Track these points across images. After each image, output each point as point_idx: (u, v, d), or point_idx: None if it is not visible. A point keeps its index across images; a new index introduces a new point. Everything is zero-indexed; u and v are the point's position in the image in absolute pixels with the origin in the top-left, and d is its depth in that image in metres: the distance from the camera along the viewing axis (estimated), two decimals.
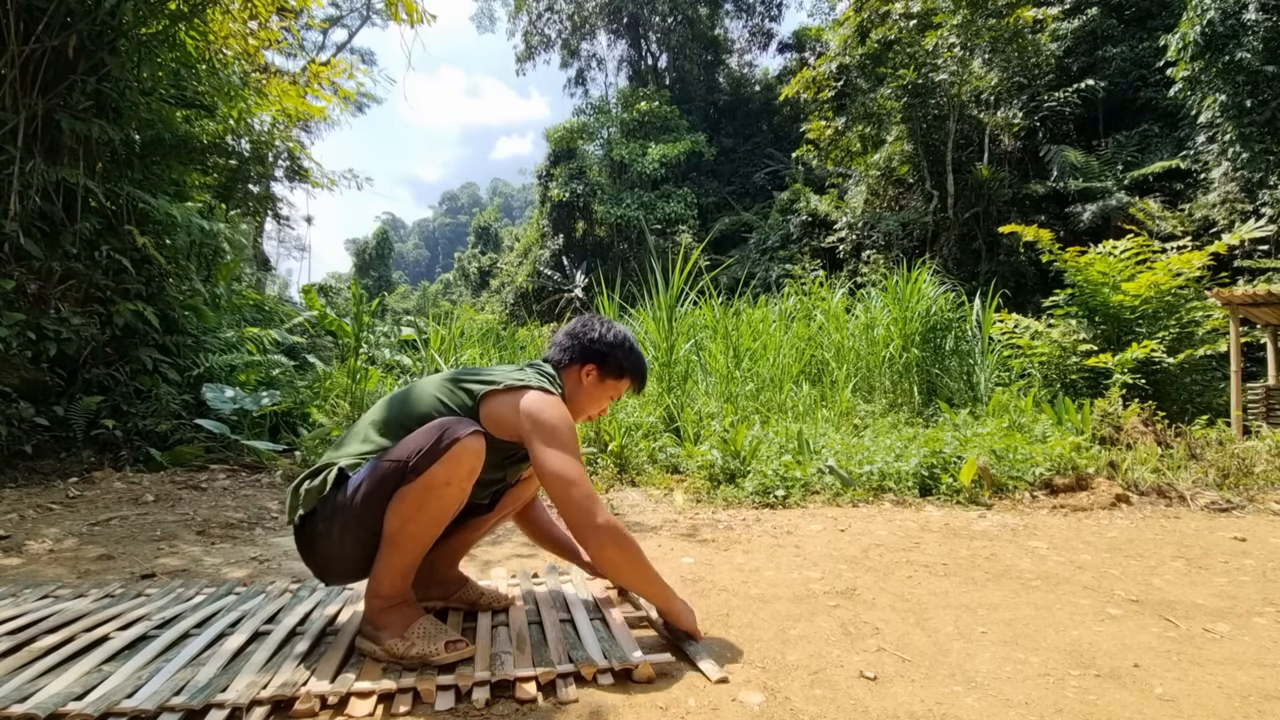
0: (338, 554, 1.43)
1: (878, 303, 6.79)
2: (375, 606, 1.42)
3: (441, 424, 1.38)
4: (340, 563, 1.46)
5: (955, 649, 1.55)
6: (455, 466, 1.34)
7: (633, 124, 25.16)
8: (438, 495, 1.35)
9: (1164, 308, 6.79)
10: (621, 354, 1.69)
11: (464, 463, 1.35)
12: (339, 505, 1.39)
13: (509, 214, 59.83)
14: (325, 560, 1.46)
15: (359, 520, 1.38)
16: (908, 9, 15.05)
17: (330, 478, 1.40)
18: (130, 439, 4.31)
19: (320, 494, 1.40)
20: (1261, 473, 3.84)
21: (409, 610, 1.42)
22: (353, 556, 1.43)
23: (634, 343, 1.73)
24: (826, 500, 3.37)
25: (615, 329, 1.71)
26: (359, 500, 1.37)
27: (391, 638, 1.37)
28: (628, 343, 1.71)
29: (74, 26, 4.26)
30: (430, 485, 1.34)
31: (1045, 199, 15.19)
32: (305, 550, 1.48)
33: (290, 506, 1.45)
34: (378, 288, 33.34)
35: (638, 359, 1.72)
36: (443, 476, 1.34)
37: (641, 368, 1.73)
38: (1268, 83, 10.83)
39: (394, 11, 5.55)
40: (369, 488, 1.37)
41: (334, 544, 1.41)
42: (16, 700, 1.20)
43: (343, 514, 1.38)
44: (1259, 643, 1.62)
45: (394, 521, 1.36)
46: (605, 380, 1.69)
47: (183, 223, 5.02)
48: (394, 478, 1.35)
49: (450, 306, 18.11)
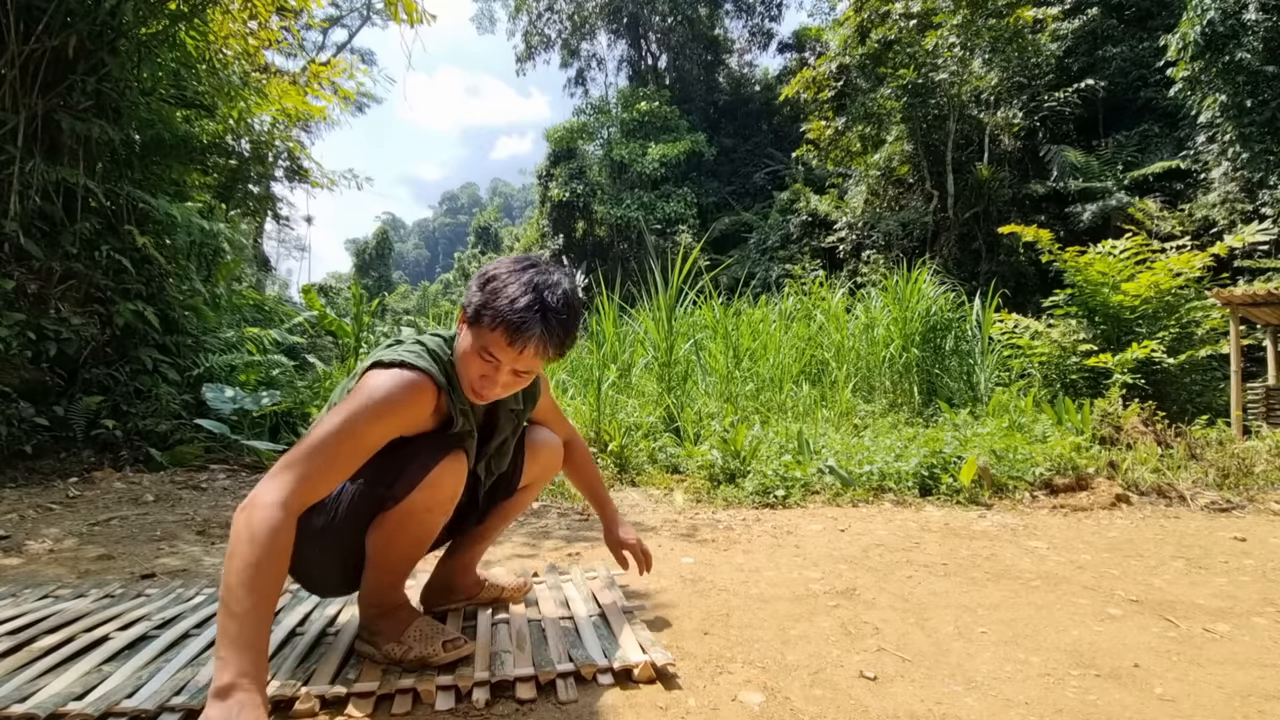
0: (320, 574, 1.41)
1: (878, 303, 6.79)
2: (371, 613, 1.41)
3: (418, 446, 1.30)
4: (325, 583, 1.45)
5: (955, 649, 1.55)
6: (436, 492, 1.29)
7: (633, 124, 25.15)
8: (419, 521, 1.32)
9: (1164, 308, 6.80)
10: (478, 288, 1.23)
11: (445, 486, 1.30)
12: (317, 529, 1.30)
13: (509, 214, 59.85)
14: (312, 580, 1.44)
15: (339, 543, 1.34)
16: (908, 9, 15.05)
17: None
18: (130, 439, 4.31)
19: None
20: (1261, 473, 3.84)
21: (403, 613, 1.41)
22: (338, 576, 1.42)
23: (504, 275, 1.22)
24: (826, 500, 3.37)
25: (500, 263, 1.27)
26: (337, 526, 1.32)
27: (388, 642, 1.36)
28: (493, 272, 1.24)
29: (74, 26, 4.26)
30: (411, 511, 1.30)
31: (1045, 199, 15.19)
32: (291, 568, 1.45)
33: None
34: (378, 288, 33.35)
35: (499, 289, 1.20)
36: (423, 503, 1.29)
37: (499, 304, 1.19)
38: (1268, 83, 10.83)
39: (394, 11, 5.55)
40: (346, 514, 1.31)
41: (316, 565, 1.38)
42: (16, 700, 1.20)
43: (321, 539, 1.31)
44: (1259, 643, 1.62)
45: (377, 540, 1.33)
46: (470, 331, 1.25)
47: (183, 223, 5.02)
48: (370, 504, 1.31)
49: (450, 306, 18.10)
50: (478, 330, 1.23)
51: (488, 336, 1.21)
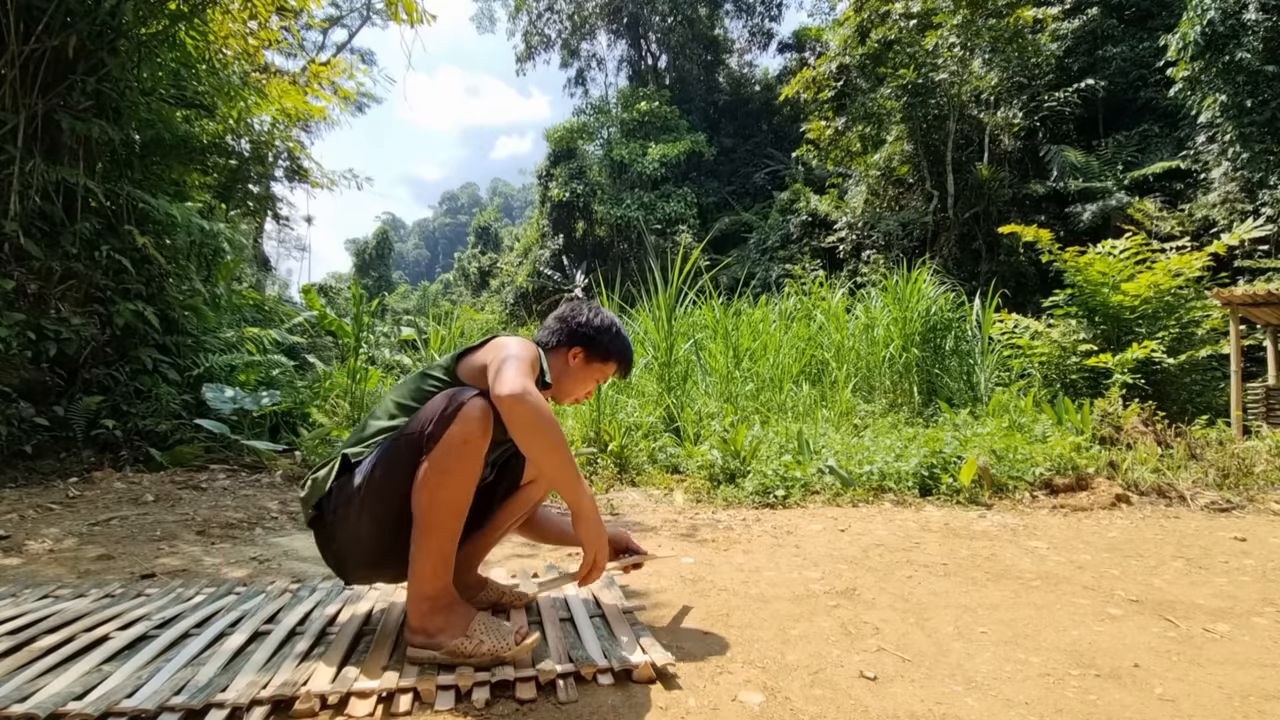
0: (354, 538, 1.44)
1: (878, 303, 6.79)
2: (422, 610, 1.37)
3: (449, 393, 1.40)
4: (358, 550, 1.45)
5: (955, 649, 1.55)
6: (468, 424, 1.35)
7: (633, 124, 25.16)
8: (458, 455, 1.35)
9: (1164, 308, 6.80)
10: (608, 338, 1.71)
11: (475, 419, 1.35)
12: (352, 491, 1.41)
13: (509, 214, 59.80)
14: (343, 548, 1.46)
15: (377, 497, 1.39)
16: (908, 9, 15.05)
17: (335, 465, 1.44)
18: (130, 439, 4.31)
19: (327, 482, 1.43)
20: (1261, 473, 3.84)
21: (462, 609, 1.40)
22: (370, 538, 1.43)
23: (620, 328, 1.75)
24: (826, 500, 3.37)
25: (603, 314, 1.74)
26: (377, 478, 1.39)
27: (454, 638, 1.35)
28: (614, 327, 1.73)
29: (74, 26, 4.26)
30: (449, 447, 1.34)
31: (1045, 199, 15.18)
32: (323, 545, 1.50)
33: (304, 502, 1.48)
34: (378, 288, 33.34)
35: (624, 343, 1.74)
36: (460, 435, 1.34)
37: (627, 352, 1.75)
38: (1268, 83, 10.82)
39: (394, 11, 5.55)
40: (386, 464, 1.39)
41: (350, 528, 1.42)
42: (16, 700, 1.20)
43: (358, 496, 1.40)
44: (1259, 643, 1.62)
45: (422, 498, 1.35)
46: (592, 363, 1.71)
47: (183, 223, 5.02)
48: (411, 450, 1.37)
49: (450, 306, 18.13)
50: (604, 365, 1.72)
51: (609, 368, 1.74)
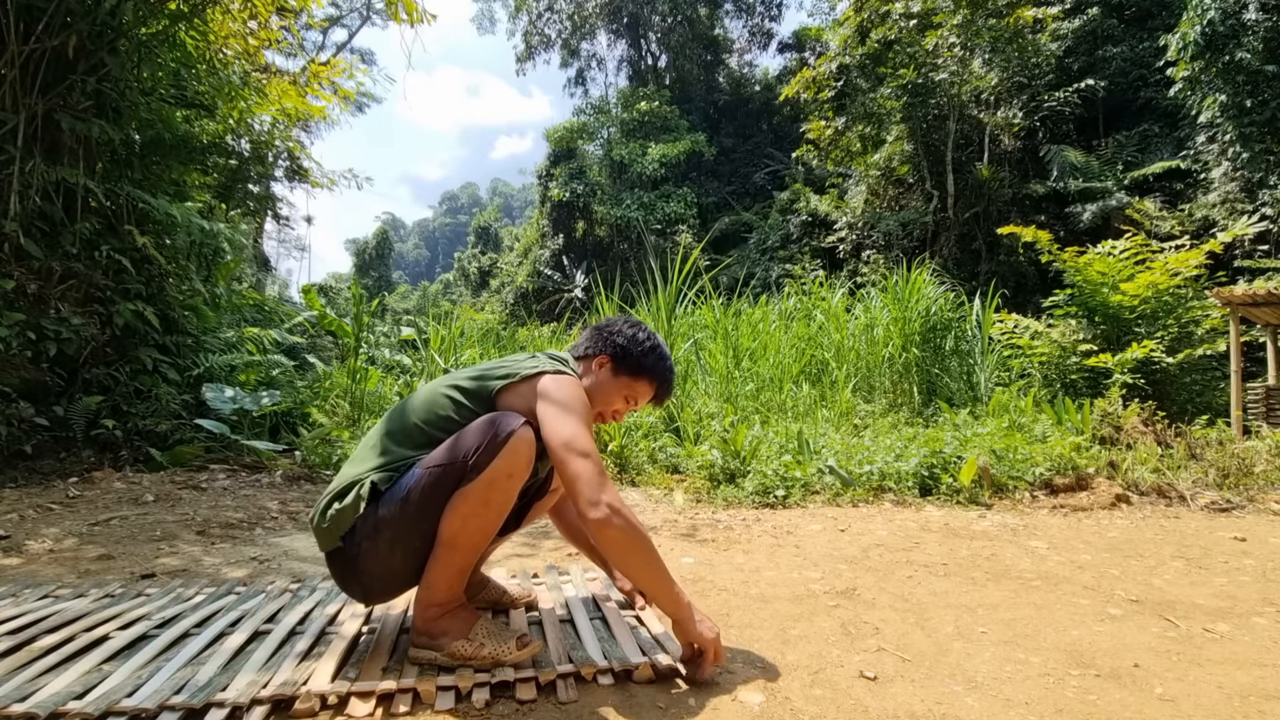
0: (387, 570, 1.38)
1: (877, 303, 6.79)
2: (429, 615, 1.37)
3: (493, 419, 1.35)
4: (390, 579, 1.41)
5: (955, 649, 1.55)
6: (514, 459, 1.32)
7: (633, 124, 25.16)
8: (500, 489, 1.33)
9: (1163, 308, 6.80)
10: (639, 351, 1.58)
11: (522, 454, 1.33)
12: (382, 520, 1.33)
13: (509, 214, 59.79)
14: (373, 579, 1.39)
15: (413, 529, 1.34)
16: (908, 9, 15.04)
17: (364, 493, 1.34)
18: (130, 439, 4.31)
19: (355, 513, 1.34)
20: (1261, 473, 3.84)
21: (466, 613, 1.40)
22: (405, 570, 1.39)
23: (662, 347, 1.61)
24: (826, 500, 3.37)
25: (643, 329, 1.62)
26: (414, 509, 1.32)
27: (456, 641, 1.35)
28: (651, 342, 1.60)
29: (74, 26, 4.26)
30: (494, 480, 1.31)
31: (1045, 199, 15.19)
32: (347, 574, 1.40)
33: (324, 532, 1.38)
34: (378, 288, 33.34)
35: (659, 362, 1.59)
36: (505, 469, 1.32)
37: (663, 371, 1.60)
38: (1268, 83, 10.82)
39: (394, 11, 5.54)
40: (425, 494, 1.32)
41: (382, 560, 1.36)
42: (16, 700, 1.20)
43: (391, 527, 1.33)
44: (1259, 643, 1.62)
45: (454, 522, 1.32)
46: (619, 376, 1.58)
47: (183, 223, 5.01)
48: (451, 479, 1.32)
49: (450, 306, 18.11)
50: (634, 381, 1.58)
51: (639, 386, 1.59)
